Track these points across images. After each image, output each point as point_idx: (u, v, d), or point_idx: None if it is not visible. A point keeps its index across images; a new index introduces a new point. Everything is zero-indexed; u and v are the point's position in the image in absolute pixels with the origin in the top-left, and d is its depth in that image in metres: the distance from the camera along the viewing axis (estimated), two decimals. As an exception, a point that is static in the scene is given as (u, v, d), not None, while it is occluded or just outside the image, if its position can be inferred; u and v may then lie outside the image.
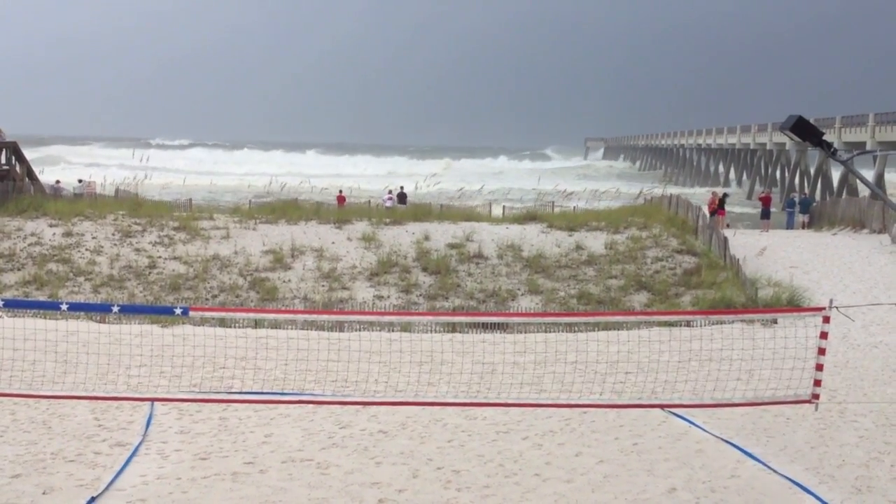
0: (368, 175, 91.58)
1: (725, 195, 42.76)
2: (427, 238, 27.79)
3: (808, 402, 9.14)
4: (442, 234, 28.22)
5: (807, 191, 61.40)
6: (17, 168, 38.16)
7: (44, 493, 8.22)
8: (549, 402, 10.94)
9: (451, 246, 27.19)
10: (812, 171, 66.87)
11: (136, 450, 9.65)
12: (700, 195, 60.47)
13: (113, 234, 27.33)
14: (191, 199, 38.19)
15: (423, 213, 32.30)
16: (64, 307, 8.87)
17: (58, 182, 42.12)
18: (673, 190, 54.39)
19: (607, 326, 18.29)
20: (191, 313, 8.98)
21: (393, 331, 18.29)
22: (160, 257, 25.83)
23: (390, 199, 41.50)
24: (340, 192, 45.80)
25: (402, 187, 46.15)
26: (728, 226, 36.11)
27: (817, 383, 9.00)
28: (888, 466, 9.77)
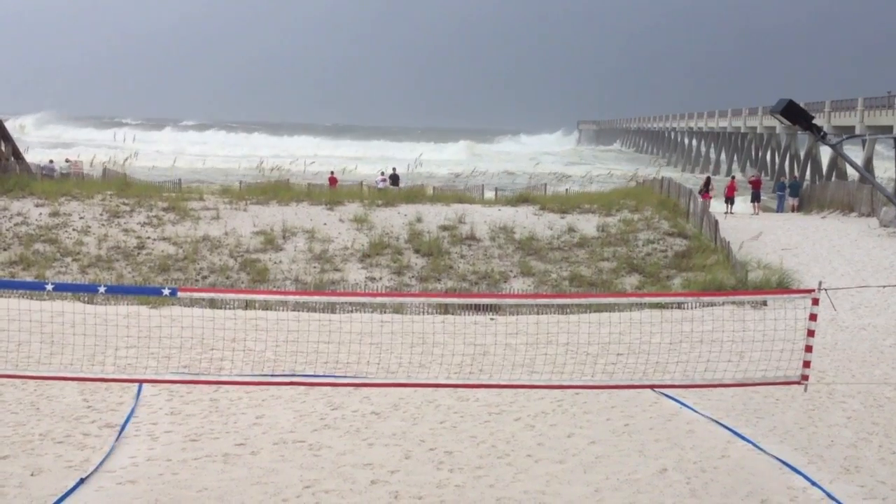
0: (366, 157, 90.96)
1: (709, 178, 42.93)
2: (419, 220, 27.72)
3: (798, 383, 9.17)
4: (434, 216, 28.16)
5: (796, 174, 61.49)
6: (3, 147, 37.88)
7: (32, 475, 8.18)
8: (542, 383, 10.94)
9: (444, 228, 27.14)
10: (802, 154, 66.99)
11: (125, 430, 9.61)
12: (688, 179, 60.46)
13: (101, 215, 27.16)
14: (180, 180, 38.01)
15: (416, 194, 32.22)
16: (49, 287, 8.79)
17: (51, 161, 41.84)
18: (673, 175, 54.01)
19: (599, 308, 18.29)
20: (180, 294, 8.92)
21: (385, 312, 18.24)
22: (149, 238, 25.69)
23: (383, 180, 41.41)
24: (332, 173, 45.69)
25: (394, 168, 46.05)
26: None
27: (806, 365, 9.02)
28: (876, 447, 9.81)
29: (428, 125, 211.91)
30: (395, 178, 42.28)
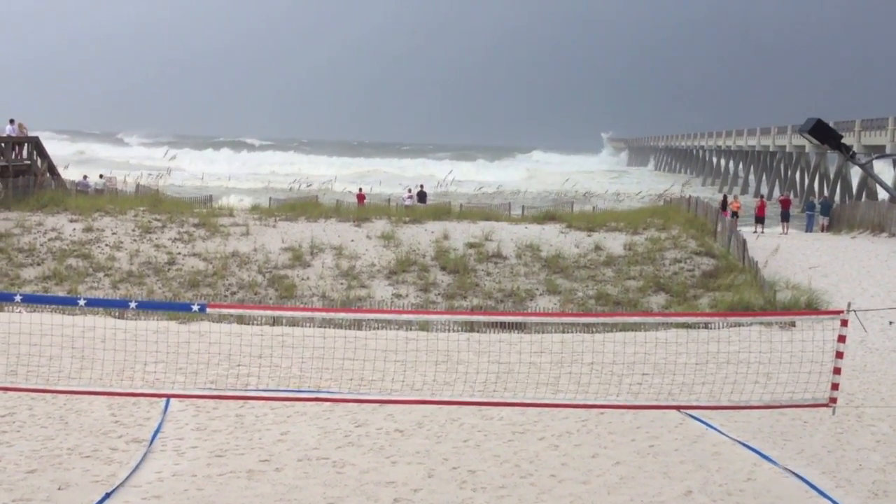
0: (396, 175, 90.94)
1: (726, 196, 42.94)
2: (446, 237, 27.79)
3: (826, 405, 9.08)
4: (461, 234, 28.22)
5: (826, 194, 60.96)
6: (39, 163, 38.48)
7: (59, 489, 8.27)
8: (566, 402, 10.91)
9: (470, 245, 27.18)
10: (831, 174, 66.39)
11: (152, 445, 9.70)
12: (718, 199, 59.92)
13: (133, 230, 27.48)
14: (211, 196, 38.38)
15: (443, 211, 32.31)
16: (81, 302, 8.92)
17: (85, 177, 42.40)
18: (700, 194, 53.58)
19: (625, 327, 18.23)
20: (209, 310, 9.01)
21: (411, 330, 18.30)
22: (179, 254, 25.95)
23: (410, 197, 41.58)
24: (360, 190, 45.94)
25: (421, 186, 46.20)
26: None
27: (835, 387, 8.93)
28: (906, 472, 9.68)
29: (455, 143, 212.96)
30: (422, 196, 42.41)
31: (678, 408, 11.25)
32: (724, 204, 39.02)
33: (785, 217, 40.64)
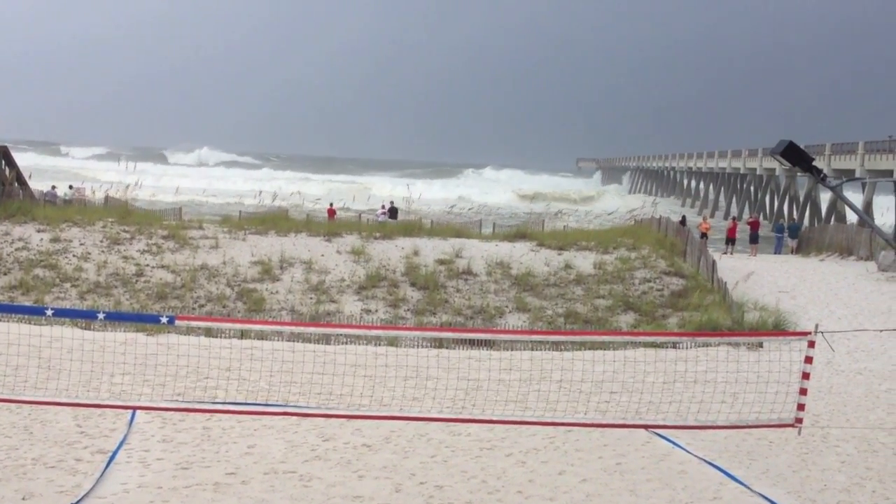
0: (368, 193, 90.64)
1: (684, 217, 43.39)
2: (416, 253, 27.78)
3: (792, 426, 9.17)
4: (431, 250, 28.23)
5: (795, 216, 61.72)
6: (7, 172, 38.09)
7: (23, 499, 8.17)
8: (534, 419, 10.93)
9: (440, 262, 27.19)
10: (801, 196, 67.25)
11: (117, 457, 9.60)
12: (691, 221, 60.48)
13: (101, 241, 27.23)
14: (181, 209, 38.16)
15: (414, 228, 32.33)
16: (49, 312, 8.83)
17: (53, 188, 42.01)
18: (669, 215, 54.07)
19: (593, 346, 18.29)
20: (177, 322, 8.95)
21: (379, 345, 18.26)
22: (148, 265, 25.73)
23: (384, 213, 41.63)
24: (331, 205, 45.90)
25: (391, 202, 46.27)
26: None
27: (801, 407, 9.03)
28: (869, 492, 9.79)
29: (429, 160, 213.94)
30: (393, 212, 42.45)
31: (645, 426, 11.30)
32: (683, 223, 39.26)
33: (753, 239, 41.08)
